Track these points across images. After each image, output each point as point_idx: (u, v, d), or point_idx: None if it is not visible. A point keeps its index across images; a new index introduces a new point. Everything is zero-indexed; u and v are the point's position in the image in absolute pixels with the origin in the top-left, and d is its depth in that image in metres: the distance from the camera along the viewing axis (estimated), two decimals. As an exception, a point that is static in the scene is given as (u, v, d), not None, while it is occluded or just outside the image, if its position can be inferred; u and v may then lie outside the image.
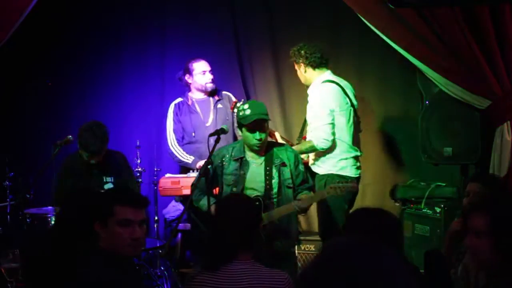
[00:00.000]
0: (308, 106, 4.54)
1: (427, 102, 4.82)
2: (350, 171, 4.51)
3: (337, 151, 4.49)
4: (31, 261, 2.92)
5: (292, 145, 4.55)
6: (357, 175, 4.56)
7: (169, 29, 5.84)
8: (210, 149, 3.85)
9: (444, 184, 4.89)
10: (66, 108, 5.89)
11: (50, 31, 5.82)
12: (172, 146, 5.01)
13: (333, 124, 4.43)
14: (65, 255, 2.66)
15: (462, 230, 2.78)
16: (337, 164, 4.49)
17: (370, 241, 1.31)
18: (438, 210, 4.71)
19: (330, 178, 4.41)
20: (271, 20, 5.64)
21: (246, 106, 3.95)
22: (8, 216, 4.67)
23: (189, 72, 5.04)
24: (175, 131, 5.03)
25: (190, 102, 5.07)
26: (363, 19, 4.68)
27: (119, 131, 5.71)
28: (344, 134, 4.52)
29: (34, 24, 5.35)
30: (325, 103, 4.44)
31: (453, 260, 3.22)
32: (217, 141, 3.92)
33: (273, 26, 5.64)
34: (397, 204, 5.05)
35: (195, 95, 5.11)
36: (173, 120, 5.05)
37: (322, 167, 4.51)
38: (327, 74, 4.60)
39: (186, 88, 5.17)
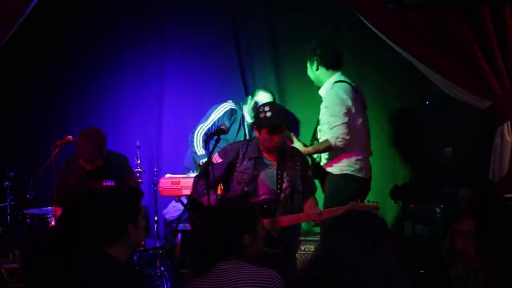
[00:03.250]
0: (323, 106, 4.48)
1: (427, 102, 4.83)
2: (365, 173, 4.50)
3: (353, 150, 4.46)
4: (31, 261, 2.92)
5: (306, 146, 4.52)
6: (369, 176, 4.56)
7: (169, 29, 5.83)
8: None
9: (444, 185, 4.89)
10: (66, 108, 5.89)
11: (50, 32, 5.81)
12: (196, 135, 5.09)
13: (349, 124, 4.40)
14: (67, 255, 2.66)
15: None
16: (353, 165, 4.45)
17: (365, 242, 1.32)
18: (438, 210, 4.71)
19: (344, 179, 4.39)
20: (272, 21, 5.63)
21: (267, 108, 3.85)
22: (8, 217, 4.68)
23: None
24: (210, 127, 5.11)
25: (248, 118, 5.18)
26: (363, 19, 4.69)
27: (119, 132, 5.71)
28: (360, 134, 4.50)
29: (34, 25, 5.35)
30: (342, 102, 4.40)
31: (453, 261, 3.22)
32: (217, 141, 3.91)
33: (273, 27, 5.63)
34: (398, 204, 5.05)
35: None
36: (218, 118, 5.13)
37: (336, 167, 4.45)
38: (338, 75, 4.58)
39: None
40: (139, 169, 4.88)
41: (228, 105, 5.17)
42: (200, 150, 5.01)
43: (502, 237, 2.10)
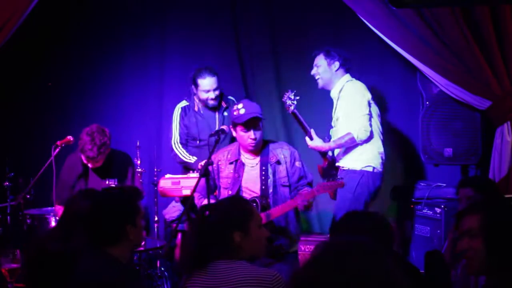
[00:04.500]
0: (341, 102, 4.47)
1: (427, 103, 4.82)
2: (383, 168, 4.48)
3: (376, 143, 4.45)
4: (31, 261, 2.92)
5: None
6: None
7: (169, 29, 5.83)
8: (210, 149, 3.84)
9: (444, 185, 4.89)
10: (66, 108, 5.89)
11: (51, 32, 5.82)
12: (175, 148, 4.95)
13: (370, 116, 4.40)
14: (67, 255, 2.67)
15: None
16: (377, 157, 4.43)
17: (365, 242, 1.33)
18: (438, 210, 4.71)
19: (365, 178, 4.35)
20: (272, 21, 5.63)
21: (240, 105, 3.93)
22: (9, 217, 4.68)
23: (195, 84, 4.98)
24: (180, 134, 4.98)
25: (196, 108, 5.04)
26: (363, 19, 4.69)
27: (119, 132, 5.71)
28: (379, 127, 4.50)
29: (35, 24, 5.36)
30: (362, 94, 4.42)
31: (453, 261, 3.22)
32: (217, 141, 3.92)
33: (274, 27, 5.63)
34: (398, 204, 5.06)
35: (201, 103, 5.07)
36: (179, 124, 5.01)
37: (359, 160, 4.40)
38: (348, 75, 4.60)
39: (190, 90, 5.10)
40: (139, 169, 4.88)
41: (178, 108, 5.05)
42: (190, 158, 4.92)
43: (509, 232, 2.06)
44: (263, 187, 3.93)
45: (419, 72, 4.78)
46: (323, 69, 4.58)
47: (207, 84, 4.90)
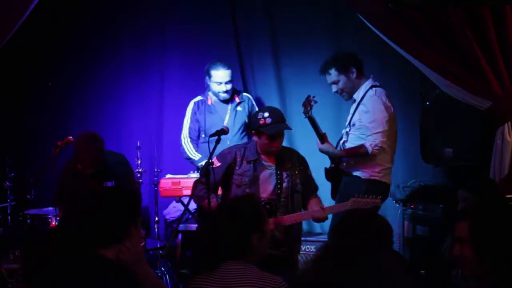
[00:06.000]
0: (363, 111, 4.38)
1: (427, 103, 4.82)
2: (389, 179, 4.43)
3: (385, 158, 4.37)
4: (31, 262, 2.92)
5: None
6: (391, 183, 4.50)
7: (169, 29, 5.84)
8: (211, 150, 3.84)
9: (444, 185, 4.89)
10: (67, 108, 5.89)
11: (51, 32, 5.82)
12: (184, 142, 5.06)
13: (389, 132, 4.32)
14: (68, 256, 2.66)
15: None
16: (382, 171, 4.37)
17: (365, 243, 1.33)
18: (438, 211, 4.71)
19: (373, 185, 4.31)
20: (272, 19, 5.64)
21: (266, 114, 3.90)
22: (9, 217, 4.68)
23: (208, 75, 5.04)
24: (190, 129, 5.08)
25: (209, 102, 5.09)
26: (363, 19, 4.69)
27: (120, 132, 5.72)
28: (394, 142, 4.43)
29: (35, 25, 5.35)
30: (386, 109, 4.32)
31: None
32: (217, 141, 3.92)
33: (273, 25, 5.64)
34: (398, 205, 5.05)
35: (214, 97, 5.12)
36: (190, 119, 5.10)
37: (366, 172, 4.37)
38: (372, 79, 4.50)
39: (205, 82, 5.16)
40: (140, 170, 4.89)
41: (191, 104, 5.15)
42: (195, 155, 4.96)
43: (497, 238, 2.08)
44: (278, 191, 3.95)
45: (419, 72, 4.78)
46: (343, 82, 4.48)
47: (220, 76, 4.98)
